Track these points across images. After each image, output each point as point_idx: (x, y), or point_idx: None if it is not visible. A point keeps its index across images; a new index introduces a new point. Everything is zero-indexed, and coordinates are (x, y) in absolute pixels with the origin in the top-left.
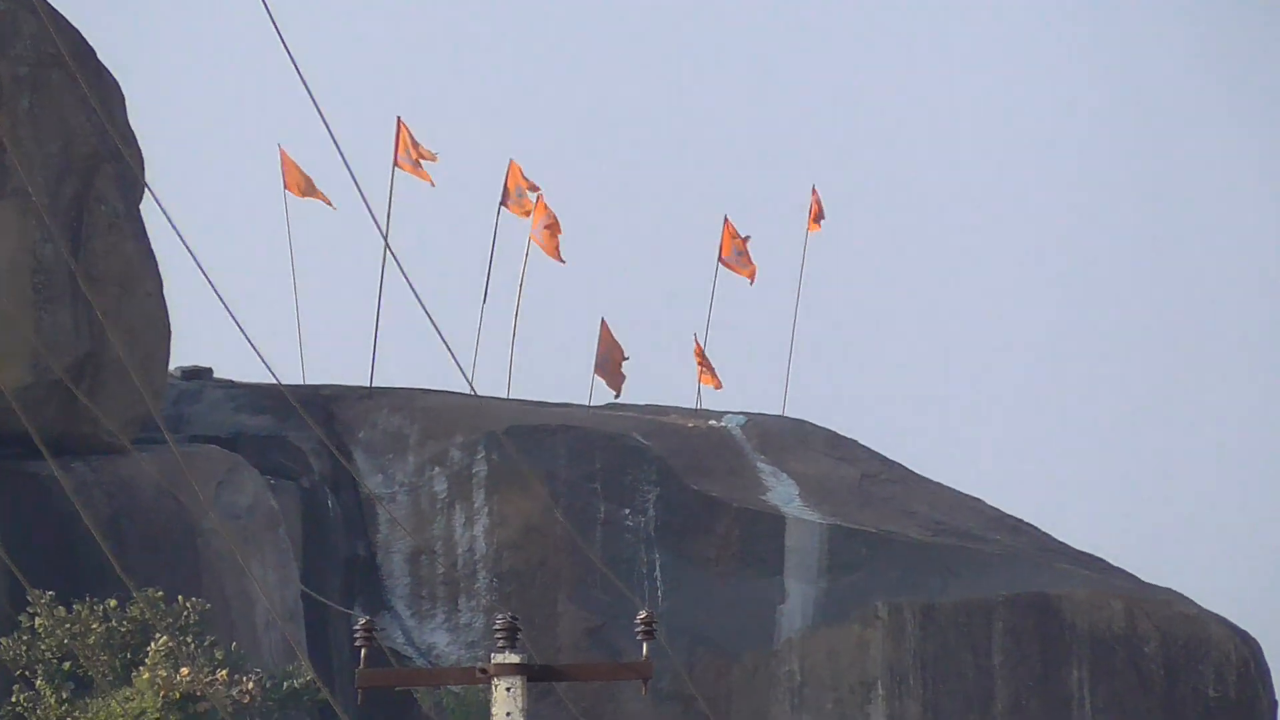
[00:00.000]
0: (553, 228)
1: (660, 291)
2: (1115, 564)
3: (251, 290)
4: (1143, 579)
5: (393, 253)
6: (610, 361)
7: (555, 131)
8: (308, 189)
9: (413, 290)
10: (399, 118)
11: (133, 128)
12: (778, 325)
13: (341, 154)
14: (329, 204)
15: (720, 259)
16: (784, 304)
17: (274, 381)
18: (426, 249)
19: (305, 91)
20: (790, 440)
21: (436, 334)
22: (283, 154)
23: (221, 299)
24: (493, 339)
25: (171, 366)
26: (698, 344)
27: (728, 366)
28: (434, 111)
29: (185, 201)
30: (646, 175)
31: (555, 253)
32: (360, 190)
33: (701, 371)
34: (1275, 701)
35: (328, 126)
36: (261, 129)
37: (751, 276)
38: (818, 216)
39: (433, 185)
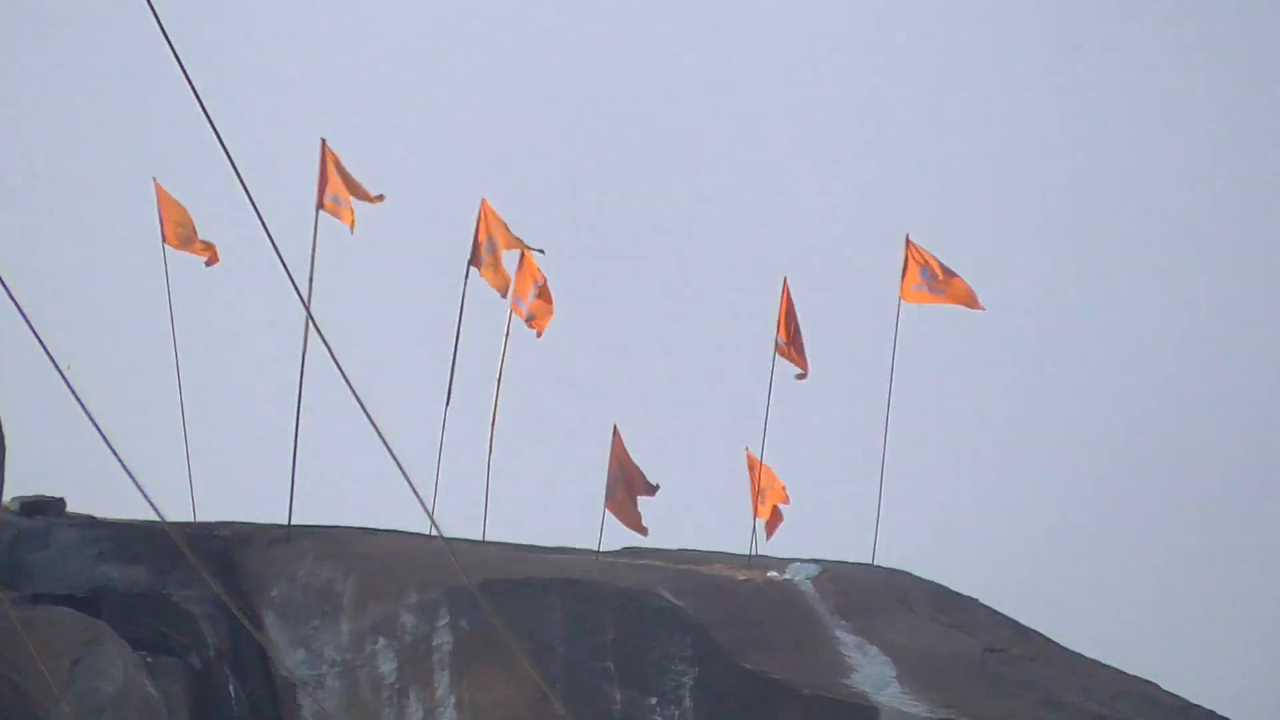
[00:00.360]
0: (545, 296)
1: (697, 390)
2: None
3: (119, 387)
4: None
5: (318, 329)
6: (628, 489)
7: (541, 165)
8: (187, 238)
9: (347, 383)
10: (324, 141)
11: None
12: (863, 436)
13: (246, 189)
14: (215, 259)
15: (779, 344)
16: (872, 408)
17: (153, 518)
18: (364, 324)
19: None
20: (883, 599)
21: (383, 448)
22: (159, 191)
23: (78, 399)
24: (461, 457)
25: (5, 497)
26: (751, 458)
27: (796, 498)
28: (371, 132)
29: (23, 254)
30: (667, 222)
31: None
32: (272, 239)
33: (758, 500)
34: None
35: (225, 148)
36: (136, 158)
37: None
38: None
39: (351, 230)
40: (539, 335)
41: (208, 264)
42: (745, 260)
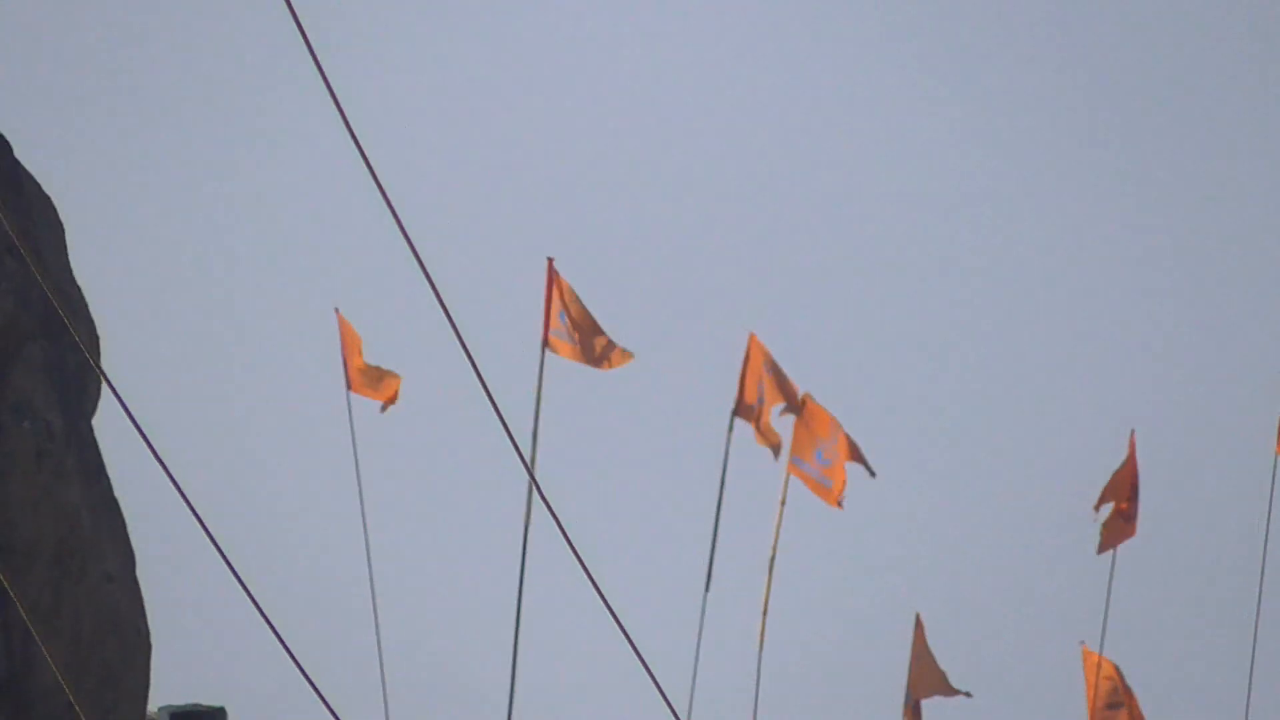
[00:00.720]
0: (844, 454)
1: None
2: None
3: (295, 581)
4: None
5: (544, 498)
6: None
7: None
8: (375, 378)
9: (579, 560)
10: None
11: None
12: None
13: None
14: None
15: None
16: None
17: None
18: (588, 483)
19: None
20: None
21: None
22: (341, 323)
23: (242, 583)
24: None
25: (151, 705)
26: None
27: None
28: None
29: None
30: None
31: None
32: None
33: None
34: None
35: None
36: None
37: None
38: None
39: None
40: (836, 505)
41: (384, 408)
42: None
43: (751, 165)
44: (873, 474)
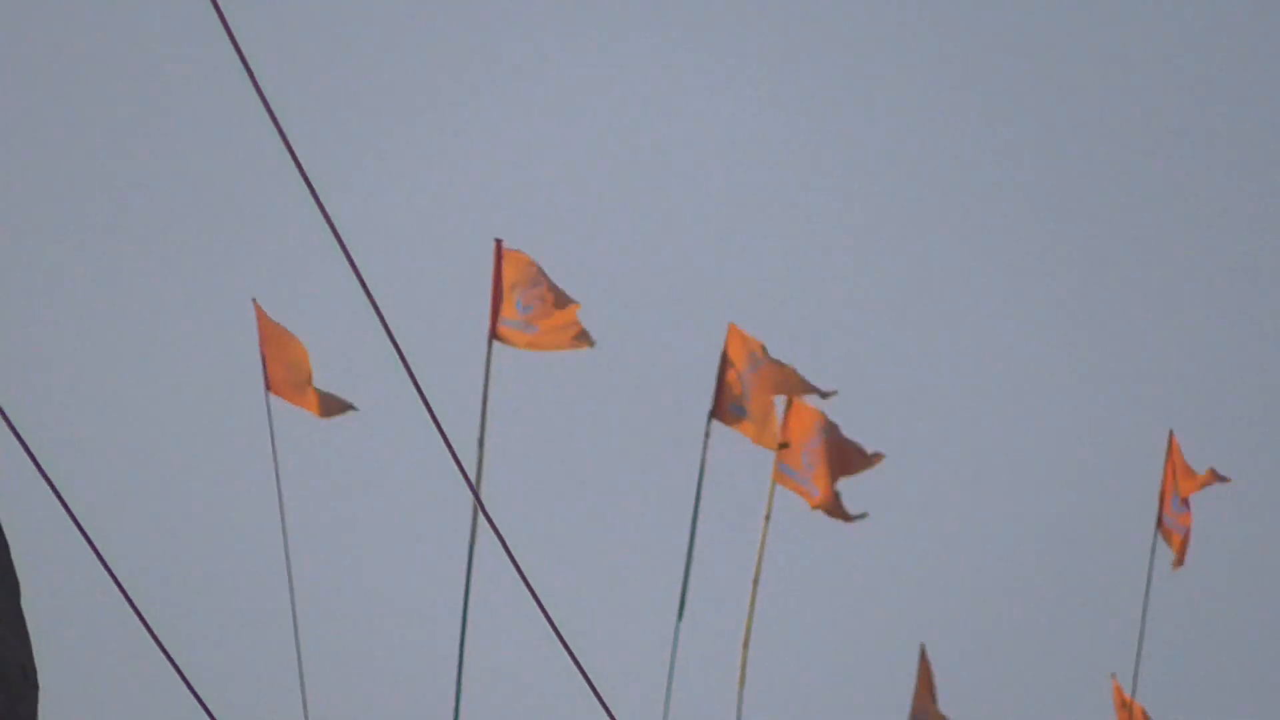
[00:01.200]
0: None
1: None
2: None
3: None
4: None
5: (487, 516)
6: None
7: None
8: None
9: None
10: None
11: None
12: None
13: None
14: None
15: None
16: None
17: None
18: (535, 500)
19: None
20: None
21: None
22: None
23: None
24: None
25: None
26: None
27: None
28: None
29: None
30: None
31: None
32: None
33: None
34: None
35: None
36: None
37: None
38: None
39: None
40: (820, 508)
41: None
42: None
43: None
44: (853, 520)
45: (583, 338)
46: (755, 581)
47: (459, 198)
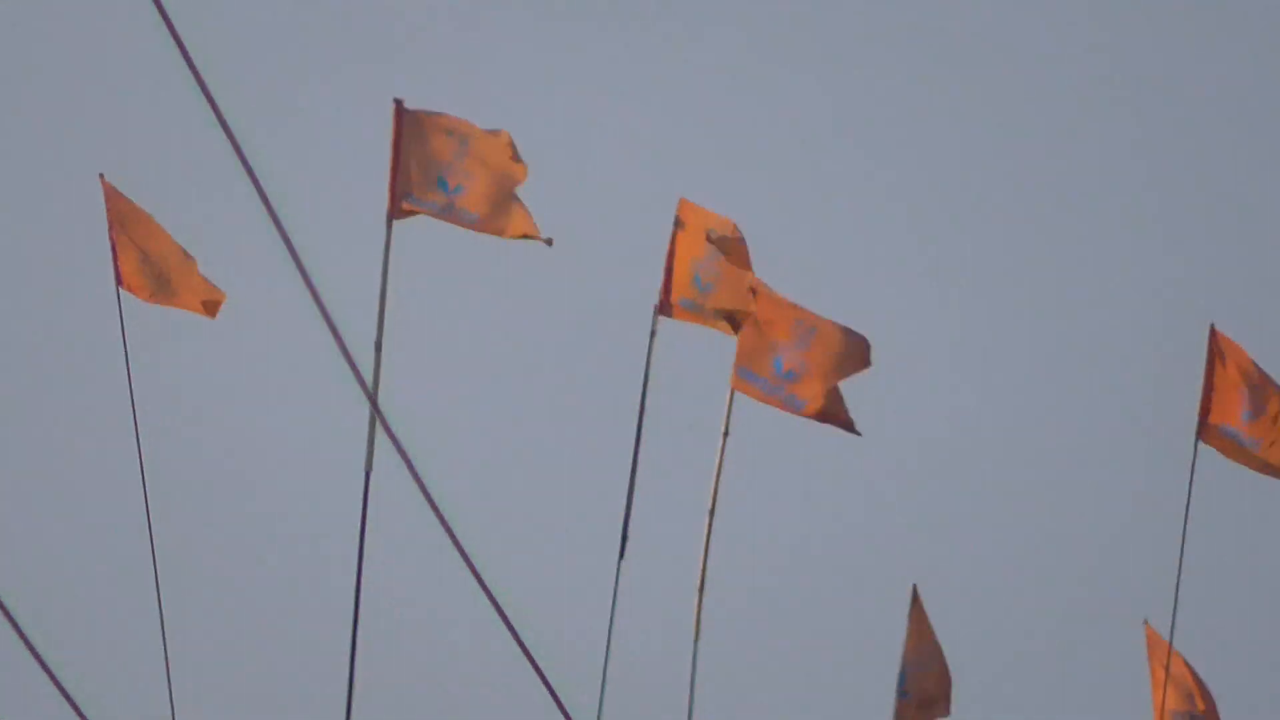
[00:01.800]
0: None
1: None
2: None
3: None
4: None
5: (394, 438)
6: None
7: None
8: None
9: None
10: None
11: None
12: None
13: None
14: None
15: None
16: None
17: None
18: (435, 415)
19: None
20: None
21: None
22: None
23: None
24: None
25: None
26: None
27: None
28: None
29: None
30: None
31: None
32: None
33: None
34: None
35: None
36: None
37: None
38: None
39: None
40: (813, 416)
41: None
42: None
43: None
44: (857, 433)
45: (527, 222)
46: (711, 513)
47: (361, 53)
